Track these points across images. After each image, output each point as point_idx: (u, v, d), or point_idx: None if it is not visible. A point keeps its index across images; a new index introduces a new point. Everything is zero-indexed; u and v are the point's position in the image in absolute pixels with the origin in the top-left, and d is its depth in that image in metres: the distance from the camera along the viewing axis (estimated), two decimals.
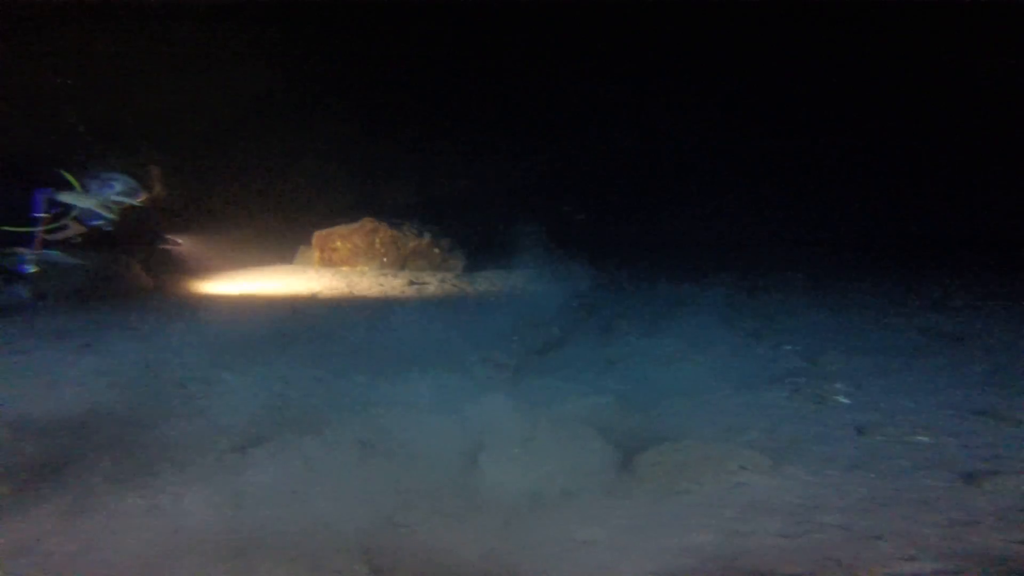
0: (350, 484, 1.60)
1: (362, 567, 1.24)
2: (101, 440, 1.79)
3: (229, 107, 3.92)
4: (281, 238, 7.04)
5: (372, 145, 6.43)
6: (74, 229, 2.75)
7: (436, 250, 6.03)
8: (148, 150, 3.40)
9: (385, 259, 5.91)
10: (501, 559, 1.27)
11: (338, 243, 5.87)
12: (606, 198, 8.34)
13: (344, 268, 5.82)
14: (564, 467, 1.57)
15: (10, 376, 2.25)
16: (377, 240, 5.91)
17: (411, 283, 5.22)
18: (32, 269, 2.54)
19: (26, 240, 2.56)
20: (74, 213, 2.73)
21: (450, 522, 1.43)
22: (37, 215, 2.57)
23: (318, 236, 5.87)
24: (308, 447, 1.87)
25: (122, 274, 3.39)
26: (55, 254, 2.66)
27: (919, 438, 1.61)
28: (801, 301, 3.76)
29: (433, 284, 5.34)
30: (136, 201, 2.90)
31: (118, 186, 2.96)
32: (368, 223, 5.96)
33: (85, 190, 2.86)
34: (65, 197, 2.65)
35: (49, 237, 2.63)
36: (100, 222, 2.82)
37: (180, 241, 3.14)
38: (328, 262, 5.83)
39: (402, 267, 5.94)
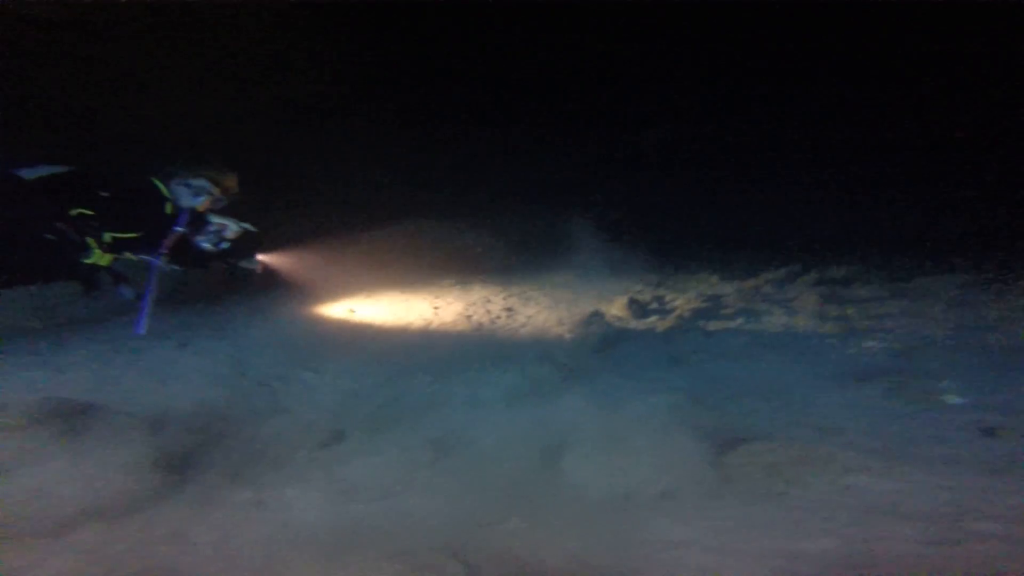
0: (434, 481, 1.65)
1: (457, 566, 1.24)
2: (209, 435, 1.90)
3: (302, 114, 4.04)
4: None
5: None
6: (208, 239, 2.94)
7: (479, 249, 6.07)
8: (216, 157, 3.53)
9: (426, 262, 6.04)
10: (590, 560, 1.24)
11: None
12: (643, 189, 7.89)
13: None
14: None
15: (130, 373, 2.45)
16: (422, 244, 6.04)
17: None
18: (162, 267, 2.76)
19: (146, 246, 2.75)
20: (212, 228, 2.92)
21: (536, 521, 1.41)
22: (178, 227, 2.77)
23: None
24: (385, 444, 1.93)
25: (207, 280, 3.64)
26: (159, 260, 2.86)
27: None
28: (884, 293, 3.47)
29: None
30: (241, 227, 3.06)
31: (204, 194, 3.09)
32: (415, 226, 6.11)
33: (175, 197, 3.02)
34: (213, 217, 2.88)
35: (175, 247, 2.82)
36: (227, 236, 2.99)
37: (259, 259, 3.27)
38: None
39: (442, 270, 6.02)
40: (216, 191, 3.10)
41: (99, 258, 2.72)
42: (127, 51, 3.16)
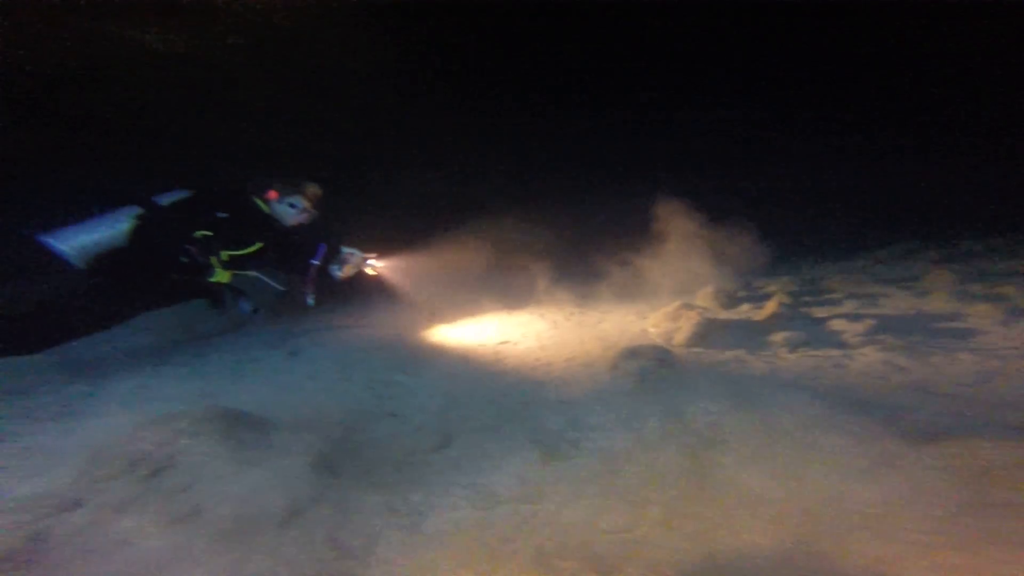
0: (554, 484, 1.65)
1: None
2: (332, 440, 2.04)
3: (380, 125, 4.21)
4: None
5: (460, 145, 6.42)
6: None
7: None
8: (298, 170, 3.69)
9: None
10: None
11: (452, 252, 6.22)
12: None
13: None
14: None
15: (258, 380, 2.68)
16: (488, 244, 6.15)
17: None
18: (312, 301, 3.01)
19: (256, 261, 2.99)
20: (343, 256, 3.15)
21: (672, 526, 1.37)
22: (315, 260, 3.01)
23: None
24: (493, 447, 1.97)
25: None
26: (268, 278, 3.10)
27: None
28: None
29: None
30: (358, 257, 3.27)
31: (301, 211, 3.30)
32: (481, 228, 6.23)
33: (279, 216, 3.24)
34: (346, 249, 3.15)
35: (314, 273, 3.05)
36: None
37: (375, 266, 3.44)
38: None
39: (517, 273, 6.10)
40: (308, 205, 3.32)
41: (221, 276, 3.01)
42: (223, 75, 3.34)
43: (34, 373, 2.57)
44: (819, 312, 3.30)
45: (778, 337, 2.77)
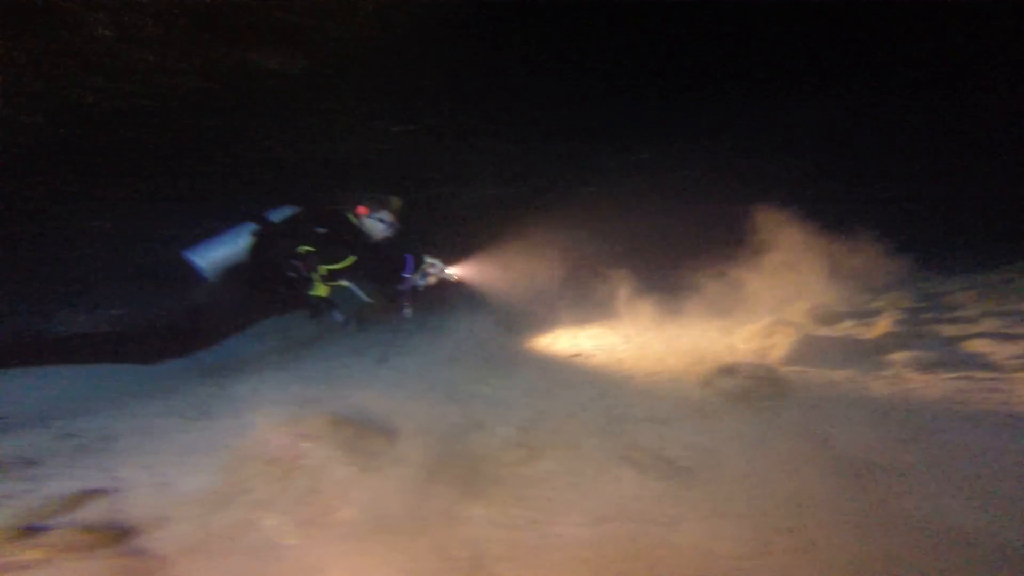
0: (654, 505, 1.65)
1: None
2: (431, 449, 2.17)
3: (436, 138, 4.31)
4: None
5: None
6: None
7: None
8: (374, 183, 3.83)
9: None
10: None
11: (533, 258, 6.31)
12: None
13: None
14: None
15: (351, 387, 2.87)
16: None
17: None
18: (409, 313, 3.22)
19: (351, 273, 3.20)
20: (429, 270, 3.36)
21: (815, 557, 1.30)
22: (407, 274, 3.23)
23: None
24: (582, 462, 2.01)
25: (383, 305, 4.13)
26: (358, 289, 3.30)
27: None
28: None
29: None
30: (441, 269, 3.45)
31: (388, 225, 3.49)
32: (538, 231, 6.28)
33: (369, 231, 3.44)
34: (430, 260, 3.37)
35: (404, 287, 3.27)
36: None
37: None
38: None
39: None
40: (393, 219, 3.51)
41: (320, 290, 3.25)
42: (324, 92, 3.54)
43: (172, 376, 2.95)
44: (948, 331, 2.92)
45: (898, 356, 2.49)
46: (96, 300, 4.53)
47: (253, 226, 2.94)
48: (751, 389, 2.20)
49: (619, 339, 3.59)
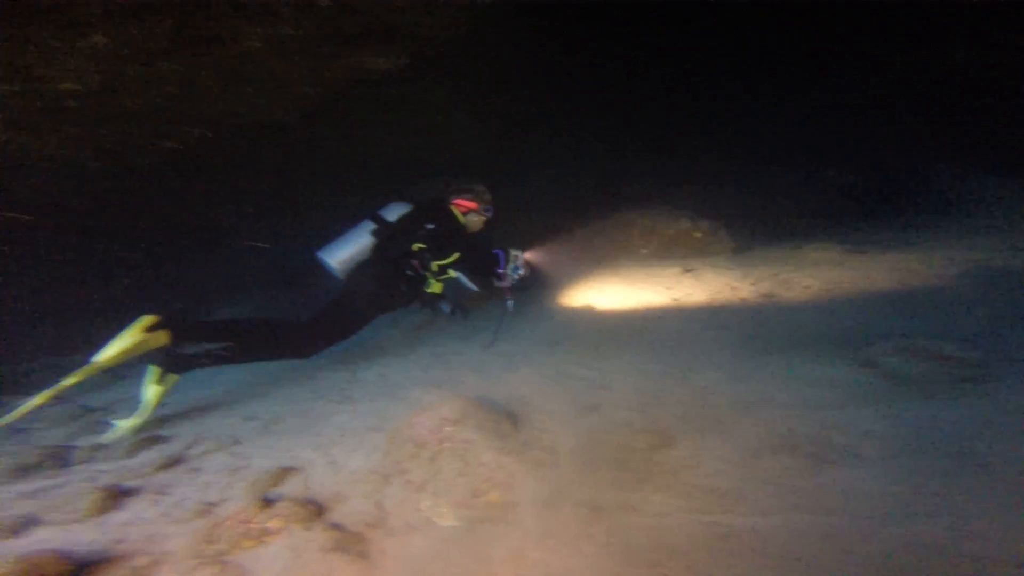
0: (811, 493, 1.51)
1: None
2: (556, 432, 2.19)
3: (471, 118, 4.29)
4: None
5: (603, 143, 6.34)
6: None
7: (697, 234, 5.65)
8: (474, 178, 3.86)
9: (644, 251, 5.87)
10: None
11: (596, 241, 6.11)
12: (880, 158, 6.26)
13: (604, 263, 6.04)
14: None
15: (468, 371, 2.97)
16: (635, 233, 5.91)
17: (685, 270, 5.02)
18: (511, 306, 3.33)
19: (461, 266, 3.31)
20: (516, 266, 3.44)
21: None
22: (501, 269, 3.33)
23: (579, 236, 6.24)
24: (723, 449, 1.91)
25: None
26: (509, 305, 3.42)
27: None
28: None
29: (705, 269, 5.02)
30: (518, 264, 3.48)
31: (481, 217, 3.55)
32: (621, 218, 6.02)
33: (468, 225, 3.50)
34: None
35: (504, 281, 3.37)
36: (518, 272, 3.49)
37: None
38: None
39: (662, 256, 5.80)
40: (486, 210, 3.54)
41: (435, 287, 3.38)
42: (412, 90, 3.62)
43: (308, 364, 3.27)
44: None
45: None
46: (251, 298, 5.20)
47: (372, 225, 3.10)
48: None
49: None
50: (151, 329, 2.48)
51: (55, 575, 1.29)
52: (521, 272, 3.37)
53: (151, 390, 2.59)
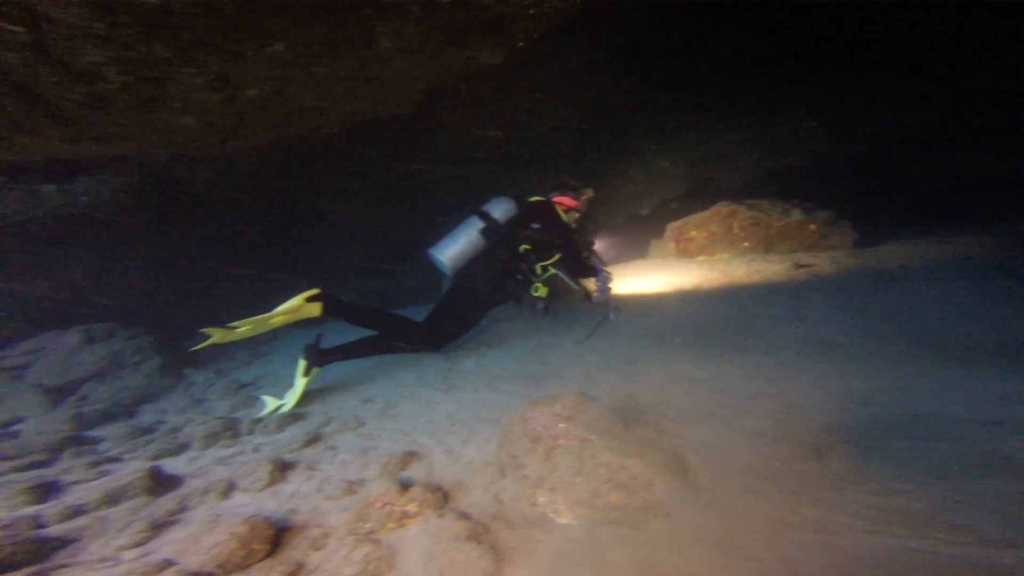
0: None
1: None
2: (677, 435, 2.03)
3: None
4: (626, 233, 7.47)
5: (697, 127, 5.85)
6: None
7: (812, 226, 4.99)
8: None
9: (746, 244, 5.33)
10: None
11: (693, 232, 5.65)
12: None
13: (700, 257, 5.58)
14: None
15: (563, 365, 2.89)
16: (735, 224, 5.38)
17: (797, 266, 4.45)
18: (615, 316, 3.26)
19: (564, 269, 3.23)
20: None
21: None
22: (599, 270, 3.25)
23: (672, 228, 5.80)
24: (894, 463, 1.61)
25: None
26: (615, 315, 3.35)
27: None
28: None
29: (824, 264, 4.41)
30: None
31: (581, 214, 3.41)
32: (723, 208, 5.50)
33: (567, 218, 3.38)
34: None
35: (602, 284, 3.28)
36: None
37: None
38: (684, 253, 5.71)
39: (767, 250, 5.22)
40: (586, 209, 3.41)
41: (541, 291, 3.16)
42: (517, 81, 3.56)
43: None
44: None
45: None
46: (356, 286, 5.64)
47: (480, 223, 3.05)
48: None
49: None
50: (310, 300, 2.78)
51: (267, 537, 1.45)
52: (609, 291, 3.24)
53: (300, 382, 2.91)
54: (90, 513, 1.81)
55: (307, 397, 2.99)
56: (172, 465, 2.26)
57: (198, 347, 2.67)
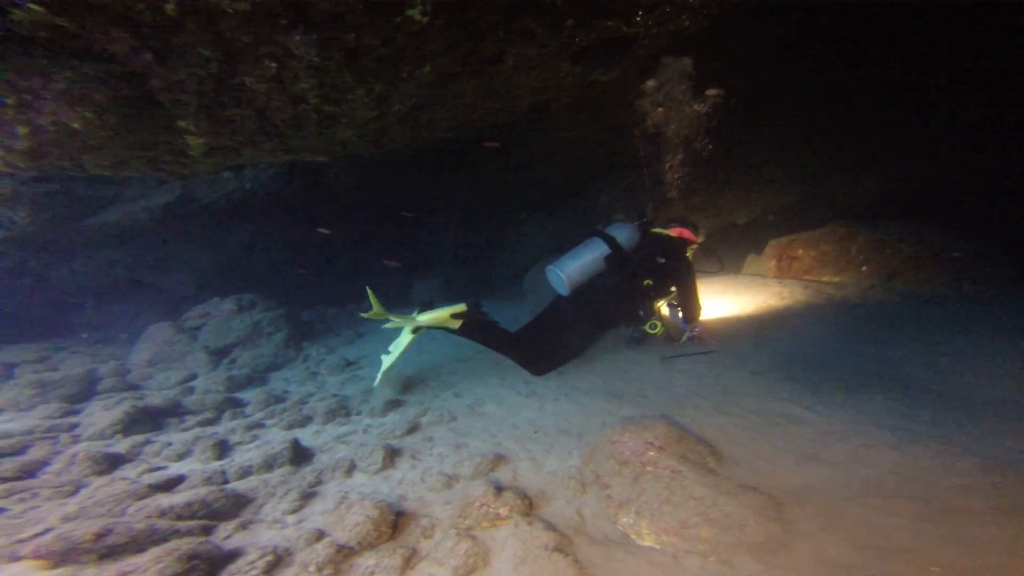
0: None
1: None
2: (773, 477, 1.89)
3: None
4: (719, 244, 6.94)
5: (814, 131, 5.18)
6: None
7: (956, 254, 4.24)
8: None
9: (865, 268, 4.68)
10: None
11: (800, 250, 5.09)
12: None
13: (807, 278, 5.01)
14: None
15: (649, 386, 2.83)
16: (854, 247, 4.75)
17: (927, 301, 3.82)
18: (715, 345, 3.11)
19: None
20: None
21: None
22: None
23: (775, 244, 5.29)
24: None
25: None
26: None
27: None
28: None
29: (965, 303, 3.72)
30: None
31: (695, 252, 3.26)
32: (838, 228, 4.88)
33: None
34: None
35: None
36: None
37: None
38: (786, 271, 5.18)
39: (890, 279, 4.53)
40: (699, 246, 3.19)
41: (658, 330, 2.95)
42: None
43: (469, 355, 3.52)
44: None
45: None
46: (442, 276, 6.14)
47: (605, 247, 2.85)
48: None
49: None
50: (456, 316, 2.69)
51: (390, 521, 1.64)
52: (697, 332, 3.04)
53: (407, 338, 2.80)
54: (256, 475, 2.15)
55: (407, 384, 3.23)
56: (302, 437, 2.59)
57: (366, 315, 2.65)
